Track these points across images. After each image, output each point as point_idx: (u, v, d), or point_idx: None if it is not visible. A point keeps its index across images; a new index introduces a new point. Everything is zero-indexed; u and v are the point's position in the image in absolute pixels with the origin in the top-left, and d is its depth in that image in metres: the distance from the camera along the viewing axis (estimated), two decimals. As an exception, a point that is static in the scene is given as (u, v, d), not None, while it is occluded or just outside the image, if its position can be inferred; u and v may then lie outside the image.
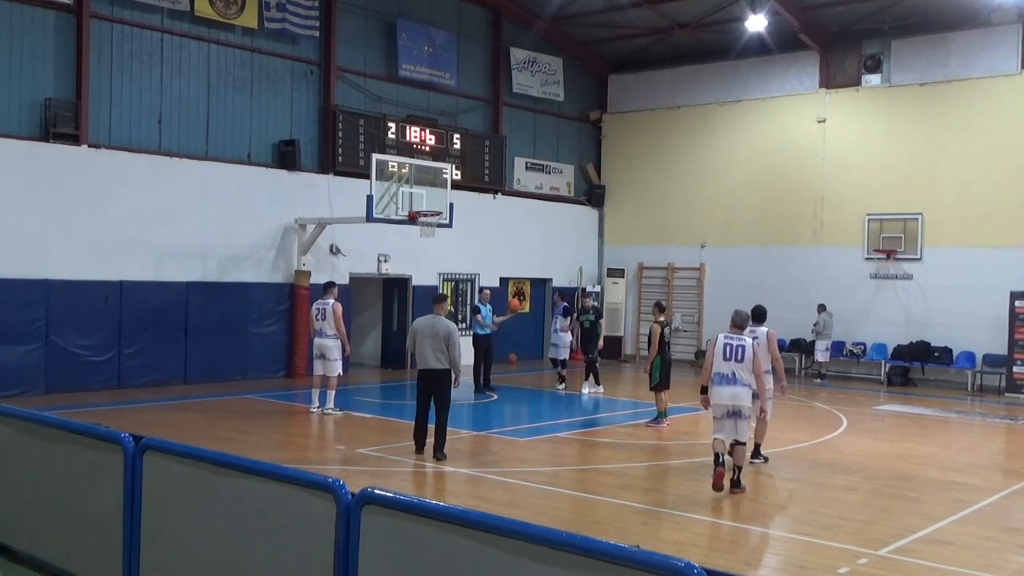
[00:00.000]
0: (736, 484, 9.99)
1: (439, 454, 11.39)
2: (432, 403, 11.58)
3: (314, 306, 15.00)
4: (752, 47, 23.24)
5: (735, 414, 9.97)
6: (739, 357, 9.95)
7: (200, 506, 5.55)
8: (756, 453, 11.54)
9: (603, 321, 18.93)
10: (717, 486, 9.80)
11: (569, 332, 19.36)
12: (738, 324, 10.34)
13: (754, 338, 10.62)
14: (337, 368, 14.65)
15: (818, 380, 21.56)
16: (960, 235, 21.07)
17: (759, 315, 11.61)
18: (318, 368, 14.73)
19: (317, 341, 14.66)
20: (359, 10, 21.02)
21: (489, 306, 18.43)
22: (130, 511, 5.87)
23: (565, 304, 19.72)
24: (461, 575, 4.28)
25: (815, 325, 21.74)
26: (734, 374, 9.96)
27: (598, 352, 18.43)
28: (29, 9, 16.12)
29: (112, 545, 5.96)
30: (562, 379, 19.03)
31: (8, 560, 6.95)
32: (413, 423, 11.84)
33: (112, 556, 5.95)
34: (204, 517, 5.51)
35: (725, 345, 10.06)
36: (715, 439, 10.10)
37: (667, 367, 14.61)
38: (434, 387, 11.50)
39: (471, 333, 18.57)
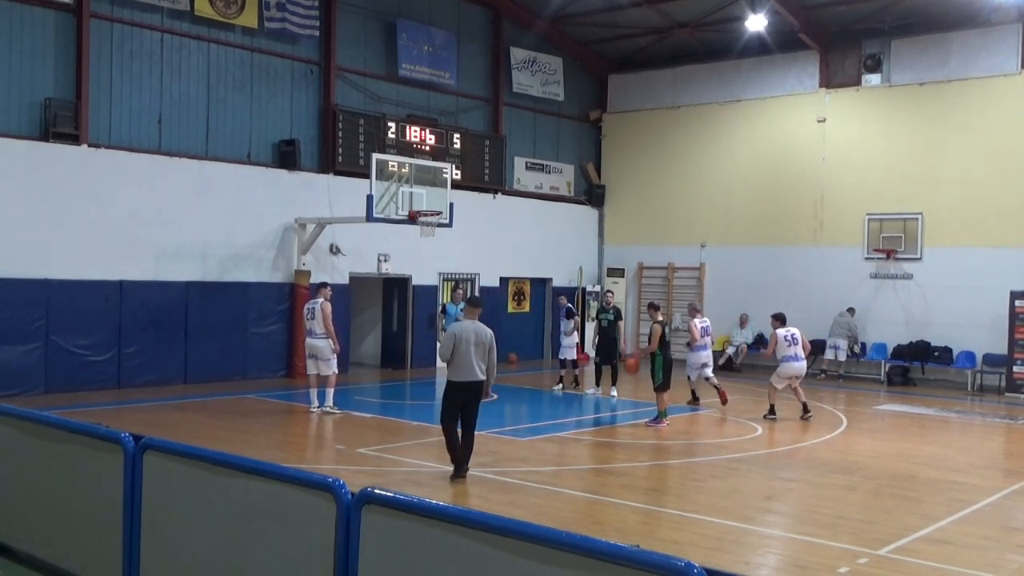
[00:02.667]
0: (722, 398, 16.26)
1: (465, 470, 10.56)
2: (461, 417, 10.50)
3: (305, 306, 15.14)
4: (752, 47, 23.23)
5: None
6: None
7: (200, 506, 5.55)
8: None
9: (623, 323, 18.38)
10: (722, 399, 16.22)
11: (575, 333, 18.94)
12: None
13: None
14: (331, 367, 14.69)
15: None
16: (960, 235, 21.06)
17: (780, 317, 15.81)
18: (311, 368, 14.82)
19: (308, 341, 14.77)
20: (359, 10, 21.02)
21: (462, 304, 18.52)
22: (130, 511, 5.87)
23: (569, 306, 19.43)
24: (461, 575, 4.28)
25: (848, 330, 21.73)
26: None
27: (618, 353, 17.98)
28: (29, 9, 16.12)
29: (112, 545, 5.96)
30: (561, 380, 18.86)
31: (8, 560, 6.95)
32: (446, 441, 10.45)
33: (112, 556, 5.96)
34: (204, 517, 5.51)
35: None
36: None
37: (668, 367, 14.65)
38: (472, 400, 10.45)
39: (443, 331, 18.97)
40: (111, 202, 16.85)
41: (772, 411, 15.45)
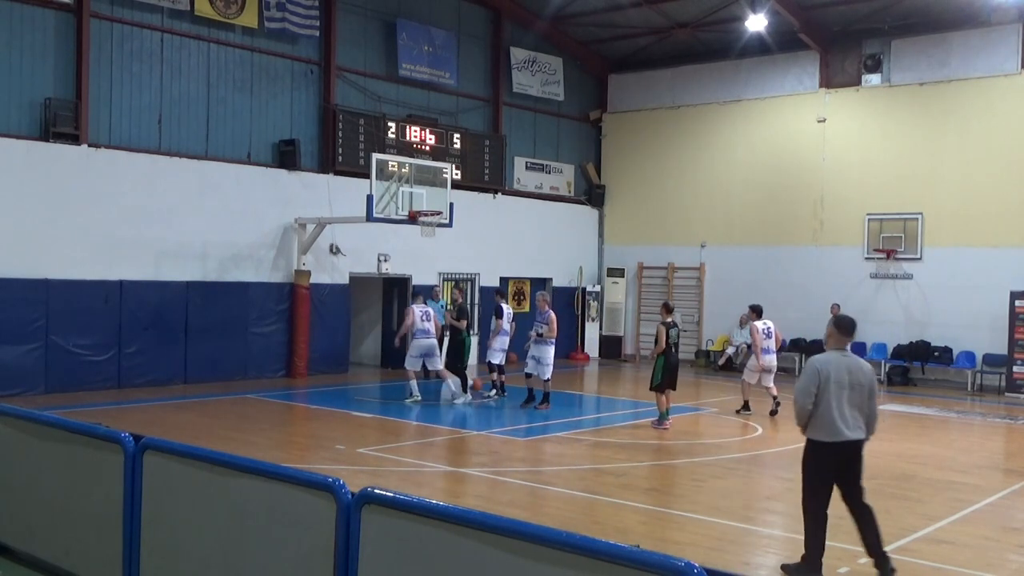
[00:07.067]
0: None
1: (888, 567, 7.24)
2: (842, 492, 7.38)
3: (418, 310, 16.34)
4: (752, 47, 23.23)
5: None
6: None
7: (200, 506, 5.55)
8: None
9: (465, 322, 16.91)
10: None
11: (504, 335, 16.86)
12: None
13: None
14: (439, 363, 16.68)
15: None
16: (960, 235, 21.06)
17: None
18: (432, 364, 16.50)
19: (423, 341, 16.26)
20: (359, 10, 21.02)
21: (442, 301, 19.55)
22: (130, 511, 5.87)
23: (501, 304, 17.27)
24: (461, 575, 4.28)
25: None
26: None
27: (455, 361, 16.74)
28: (29, 9, 16.11)
29: (112, 545, 5.96)
30: (498, 386, 16.95)
31: (8, 560, 6.95)
32: (810, 529, 7.34)
33: (112, 556, 5.96)
34: (204, 517, 5.51)
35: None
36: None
37: (672, 368, 14.53)
38: (851, 467, 7.32)
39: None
40: (111, 202, 16.85)
41: (747, 407, 15.87)
